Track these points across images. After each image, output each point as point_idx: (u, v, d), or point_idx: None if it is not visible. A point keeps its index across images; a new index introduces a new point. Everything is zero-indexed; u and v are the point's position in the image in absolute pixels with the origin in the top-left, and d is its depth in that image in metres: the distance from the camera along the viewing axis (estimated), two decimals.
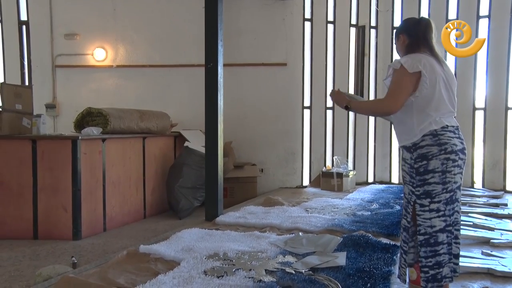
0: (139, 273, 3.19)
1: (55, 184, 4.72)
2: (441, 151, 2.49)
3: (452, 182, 2.50)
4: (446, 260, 2.48)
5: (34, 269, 3.59)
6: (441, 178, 2.48)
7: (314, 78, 7.65)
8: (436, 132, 2.51)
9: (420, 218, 2.50)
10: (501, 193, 6.68)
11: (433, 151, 2.49)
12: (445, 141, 2.50)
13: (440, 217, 2.47)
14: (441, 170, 2.48)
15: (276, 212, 5.16)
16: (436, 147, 2.49)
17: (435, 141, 2.50)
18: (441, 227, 2.47)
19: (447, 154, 2.49)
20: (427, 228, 2.47)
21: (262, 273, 3.09)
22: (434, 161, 2.48)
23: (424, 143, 2.51)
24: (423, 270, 2.49)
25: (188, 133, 6.66)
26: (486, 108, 7.24)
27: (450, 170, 2.48)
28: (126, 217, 5.48)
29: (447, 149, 2.49)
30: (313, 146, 7.69)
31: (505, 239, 4.06)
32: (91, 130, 5.07)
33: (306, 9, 7.56)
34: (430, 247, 2.47)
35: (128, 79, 7.64)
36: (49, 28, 7.64)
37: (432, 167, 2.48)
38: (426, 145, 2.51)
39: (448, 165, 2.48)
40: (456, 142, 2.53)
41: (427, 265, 2.48)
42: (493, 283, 3.07)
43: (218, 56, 4.98)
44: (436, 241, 2.47)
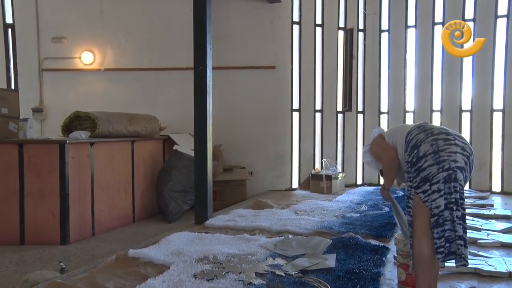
0: (128, 277, 3.17)
1: (43, 188, 4.67)
2: (427, 135, 2.59)
3: (449, 160, 2.48)
4: (453, 236, 2.44)
5: (21, 275, 3.54)
6: (434, 159, 2.50)
7: (302, 81, 7.67)
8: (420, 124, 2.73)
9: (428, 203, 2.50)
10: (487, 194, 6.77)
11: (420, 137, 2.60)
12: (430, 126, 2.67)
13: (441, 196, 2.47)
14: (432, 151, 2.52)
15: (265, 215, 5.16)
16: (423, 133, 2.61)
17: (420, 130, 2.65)
18: (444, 205, 2.47)
19: (434, 135, 2.57)
20: (435, 209, 2.47)
21: (252, 275, 3.09)
22: (423, 146, 2.55)
23: (411, 136, 2.66)
24: (439, 251, 2.46)
25: (177, 136, 6.65)
26: (472, 110, 7.33)
27: (443, 149, 2.50)
28: (115, 221, 5.44)
29: (434, 132, 2.60)
30: (302, 148, 7.72)
31: (491, 239, 4.10)
32: (79, 134, 5.03)
33: (294, 12, 7.59)
34: (440, 227, 2.45)
35: (117, 83, 7.60)
36: (36, 31, 7.57)
37: (423, 152, 2.54)
38: (414, 136, 2.64)
39: (439, 144, 2.52)
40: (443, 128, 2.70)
41: (440, 245, 2.45)
42: (480, 283, 3.11)
43: (207, 59, 4.97)
44: (444, 219, 2.46)
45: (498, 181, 7.21)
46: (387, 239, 4.15)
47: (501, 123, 7.20)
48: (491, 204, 5.96)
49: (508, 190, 7.07)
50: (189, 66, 5.28)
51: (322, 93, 7.82)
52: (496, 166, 7.23)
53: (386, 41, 7.92)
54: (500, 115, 7.20)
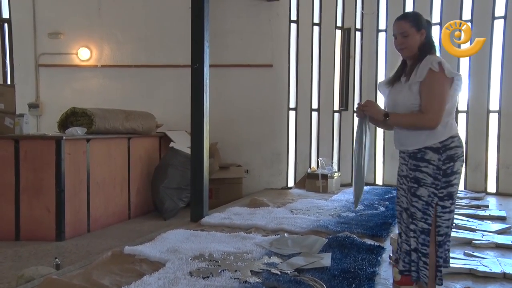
0: (124, 274, 3.17)
1: (38, 184, 4.66)
2: (462, 153, 2.49)
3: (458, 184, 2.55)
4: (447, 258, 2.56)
5: (16, 271, 3.53)
6: (459, 179, 2.49)
7: (299, 80, 7.68)
8: (457, 134, 2.51)
9: (441, 220, 2.47)
10: (483, 195, 6.80)
11: (458, 152, 2.46)
12: (462, 144, 2.52)
13: (452, 218, 2.51)
14: (459, 172, 2.48)
15: (261, 213, 5.17)
16: (460, 149, 2.48)
17: (459, 143, 2.48)
18: (451, 227, 2.53)
19: (463, 156, 2.51)
20: (446, 228, 2.47)
21: (247, 274, 3.10)
22: (458, 163, 2.45)
23: (454, 144, 2.45)
24: (439, 269, 2.50)
25: (174, 133, 6.64)
26: (468, 111, 7.35)
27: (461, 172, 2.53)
28: (110, 218, 5.44)
29: (463, 152, 2.52)
30: (298, 147, 7.72)
31: (486, 240, 4.13)
32: (75, 130, 5.02)
33: (292, 11, 7.58)
34: (442, 248, 2.48)
35: (113, 79, 7.57)
36: (32, 26, 7.53)
37: (456, 168, 2.45)
38: (455, 146, 2.45)
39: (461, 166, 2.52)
40: None
41: (440, 264, 2.50)
42: (475, 283, 3.13)
43: (204, 56, 4.97)
44: (448, 240, 2.51)
45: (494, 182, 7.24)
46: (382, 238, 4.16)
47: (497, 124, 7.22)
48: (486, 205, 5.98)
49: (503, 191, 7.09)
50: (186, 63, 5.28)
51: (318, 92, 7.83)
52: (492, 167, 7.25)
53: (383, 41, 7.93)
54: (496, 116, 7.23)
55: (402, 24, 2.52)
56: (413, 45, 2.52)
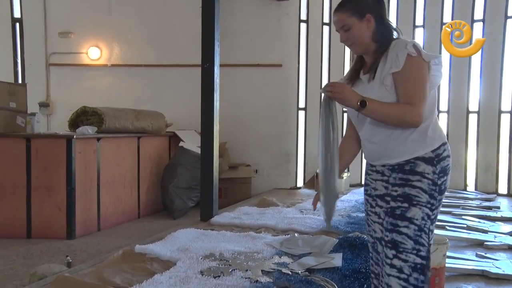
0: (135, 272, 3.17)
1: (49, 183, 4.69)
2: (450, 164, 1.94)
3: None
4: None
5: (28, 268, 3.56)
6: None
7: (309, 80, 7.65)
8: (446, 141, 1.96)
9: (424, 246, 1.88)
10: (494, 196, 6.73)
11: (449, 164, 1.93)
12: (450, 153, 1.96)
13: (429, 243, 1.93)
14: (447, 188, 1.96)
15: (271, 213, 5.16)
16: (450, 159, 1.93)
17: (449, 151, 1.94)
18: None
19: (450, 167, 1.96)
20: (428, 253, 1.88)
21: (258, 273, 3.09)
22: (448, 177, 1.93)
23: (445, 153, 1.91)
24: None
25: (183, 133, 6.65)
26: (479, 112, 7.28)
27: None
28: (120, 217, 5.45)
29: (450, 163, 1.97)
30: (307, 147, 7.70)
31: (498, 241, 4.09)
32: (86, 129, 5.05)
33: (302, 11, 7.56)
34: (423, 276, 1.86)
35: (123, 79, 7.60)
36: (43, 26, 7.58)
37: (447, 184, 1.93)
38: (447, 156, 1.92)
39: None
40: None
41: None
42: (487, 285, 3.10)
43: (215, 56, 4.95)
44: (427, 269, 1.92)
45: (505, 183, 7.16)
46: None
47: (508, 125, 7.14)
48: (497, 206, 5.93)
49: None
50: (196, 63, 5.28)
51: None
52: (503, 168, 7.18)
53: None
54: (508, 116, 7.15)
55: (339, 16, 1.95)
56: (361, 37, 1.94)
